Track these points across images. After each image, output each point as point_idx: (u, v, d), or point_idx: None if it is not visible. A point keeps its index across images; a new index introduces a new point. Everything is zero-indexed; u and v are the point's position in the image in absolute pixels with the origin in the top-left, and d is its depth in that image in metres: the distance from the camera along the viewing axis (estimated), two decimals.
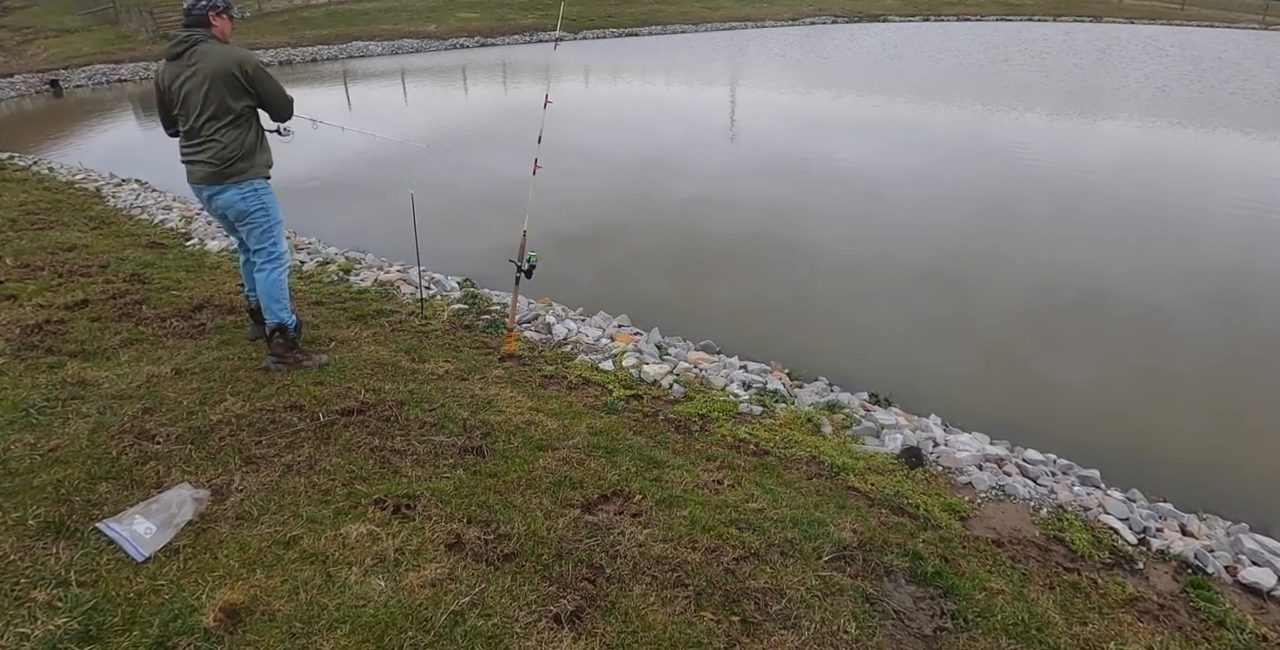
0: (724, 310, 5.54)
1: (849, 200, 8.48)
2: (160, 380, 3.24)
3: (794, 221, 7.66)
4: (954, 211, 8.11)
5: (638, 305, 5.35)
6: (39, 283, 4.59)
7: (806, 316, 5.54)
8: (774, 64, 22.43)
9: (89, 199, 7.96)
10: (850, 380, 4.51)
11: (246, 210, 3.36)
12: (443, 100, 17.32)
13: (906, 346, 5.12)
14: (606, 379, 3.76)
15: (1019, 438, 3.91)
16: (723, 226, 7.46)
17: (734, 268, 6.41)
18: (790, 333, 5.22)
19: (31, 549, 2.14)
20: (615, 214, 7.82)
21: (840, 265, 6.50)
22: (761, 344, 4.92)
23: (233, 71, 3.13)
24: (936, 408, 4.19)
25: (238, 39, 3.40)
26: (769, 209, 8.08)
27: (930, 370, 4.82)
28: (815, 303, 5.77)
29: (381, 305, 4.56)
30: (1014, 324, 5.46)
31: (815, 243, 7.03)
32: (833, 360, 4.80)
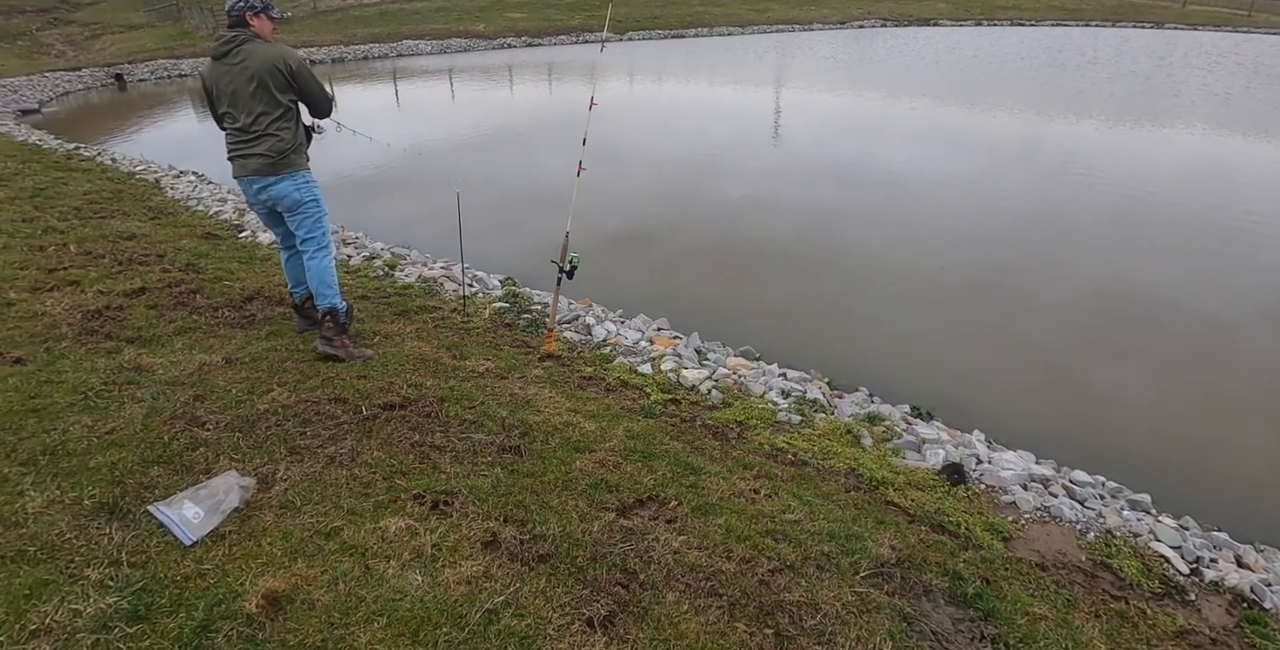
0: (765, 315, 5.50)
1: (895, 205, 8.34)
2: (211, 368, 3.33)
3: (838, 226, 7.57)
4: (1003, 219, 7.92)
5: (678, 308, 5.34)
6: (100, 269, 4.76)
7: (849, 324, 5.46)
8: (821, 67, 22.20)
9: (149, 190, 8.24)
10: (891, 391, 4.43)
11: (300, 200, 3.47)
12: (489, 99, 17.52)
13: (951, 358, 5.01)
14: (645, 382, 3.75)
15: (1066, 457, 3.80)
16: (766, 230, 7.40)
17: (776, 272, 6.36)
18: (832, 340, 5.15)
19: (86, 528, 2.21)
20: (658, 215, 7.82)
21: (884, 272, 6.39)
22: (802, 351, 4.86)
23: (277, 67, 3.25)
24: (980, 423, 4.09)
25: (292, 37, 3.52)
26: (813, 213, 8.00)
27: (975, 383, 4.71)
28: (858, 310, 5.69)
29: (425, 301, 4.63)
30: (1064, 337, 5.30)
31: (859, 248, 6.93)
32: (874, 370, 4.72)
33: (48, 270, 4.72)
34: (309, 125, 3.59)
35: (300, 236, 3.58)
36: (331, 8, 35.92)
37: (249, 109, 3.30)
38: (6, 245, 5.24)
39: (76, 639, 1.82)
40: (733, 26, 39.20)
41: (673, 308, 5.32)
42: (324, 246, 3.61)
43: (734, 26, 39.22)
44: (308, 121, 3.57)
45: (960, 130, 12.66)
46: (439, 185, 9.38)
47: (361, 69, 24.20)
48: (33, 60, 25.69)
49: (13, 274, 4.60)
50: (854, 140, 11.93)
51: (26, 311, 3.94)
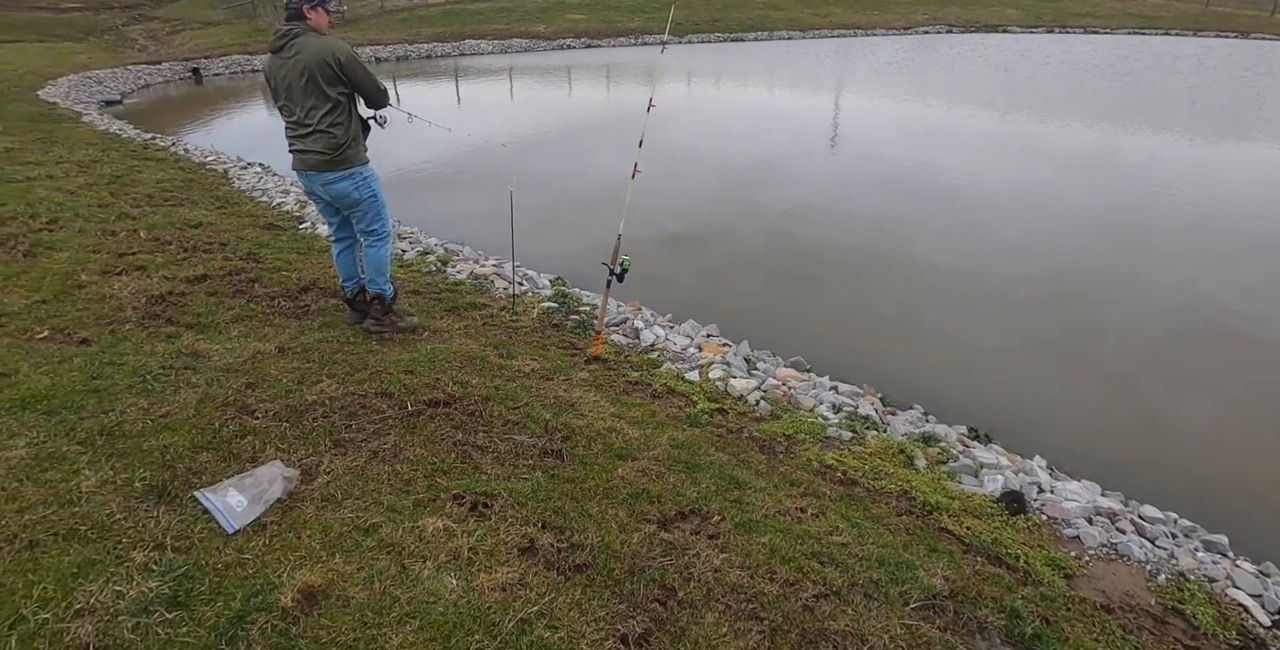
0: (817, 325, 5.36)
1: (957, 216, 8.07)
2: (264, 357, 3.38)
3: (896, 235, 7.35)
4: (1070, 232, 7.58)
5: (728, 314, 5.24)
6: (166, 256, 4.91)
7: (904, 337, 5.28)
8: (883, 72, 21.74)
9: (217, 180, 8.51)
10: (947, 410, 4.26)
11: (359, 198, 3.52)
12: (547, 99, 17.67)
13: (1011, 377, 4.79)
14: (691, 390, 3.67)
15: (1135, 490, 3.58)
16: (821, 236, 7.24)
17: (830, 280, 6.21)
18: (886, 354, 4.98)
19: (135, 510, 2.25)
20: (710, 218, 7.72)
21: (943, 284, 6.18)
22: (855, 364, 4.71)
23: (326, 61, 3.26)
24: (1042, 448, 3.89)
25: (358, 35, 3.56)
26: (870, 220, 7.79)
27: (1037, 406, 4.49)
28: (914, 323, 5.50)
29: (475, 298, 4.64)
30: (1134, 359, 5.02)
31: (917, 258, 6.71)
32: (930, 387, 4.55)
33: (118, 254, 4.89)
34: (369, 116, 3.62)
35: (361, 229, 3.66)
36: (398, 7, 36.80)
37: (302, 103, 3.35)
38: (82, 230, 5.45)
39: (118, 621, 1.83)
40: (793, 31, 38.77)
41: (723, 314, 5.22)
42: (383, 238, 3.70)
43: (794, 31, 38.79)
44: (366, 113, 3.61)
45: (1027, 139, 12.22)
46: (494, 181, 9.48)
47: (425, 67, 24.71)
48: (117, 54, 26.97)
49: (86, 257, 4.77)
50: (915, 147, 11.61)
51: (96, 294, 4.07)
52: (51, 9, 38.18)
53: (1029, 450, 3.85)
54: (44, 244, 5.04)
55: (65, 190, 7.00)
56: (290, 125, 3.45)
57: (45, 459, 2.47)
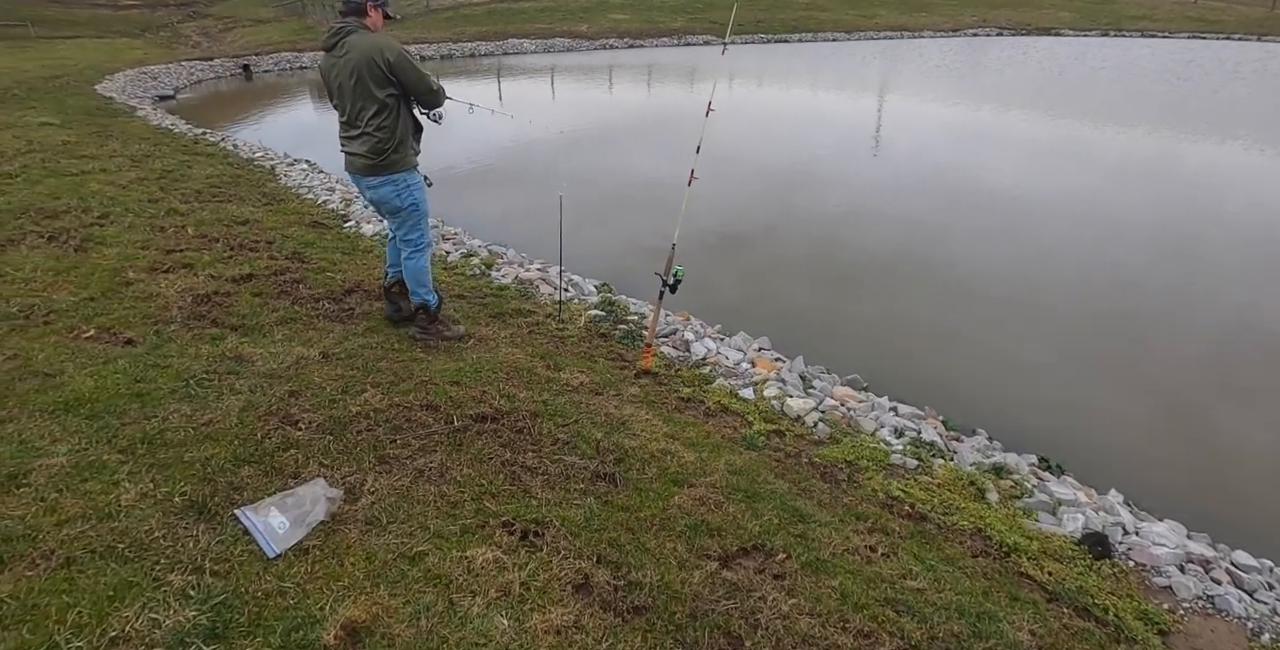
0: (869, 338, 5.13)
1: (1010, 224, 7.74)
2: (308, 363, 3.29)
3: (950, 244, 7.06)
4: (1132, 244, 7.21)
5: (777, 324, 5.05)
6: (213, 253, 4.88)
7: (963, 353, 5.02)
8: (932, 75, 21.23)
9: (264, 176, 8.55)
10: (1014, 436, 4.01)
11: (400, 207, 3.44)
12: (590, 98, 17.59)
13: (1075, 398, 4.52)
14: (746, 409, 3.49)
15: (1224, 532, 3.30)
16: (873, 245, 6.99)
17: (882, 291, 5.96)
18: (944, 371, 4.74)
19: (174, 528, 2.15)
20: (757, 224, 7.52)
21: (1001, 296, 5.89)
22: (912, 382, 4.49)
23: (375, 60, 3.14)
24: (1115, 479, 3.63)
25: (404, 33, 3.47)
26: (923, 228, 7.50)
27: (1104, 431, 4.22)
28: (973, 337, 5.24)
29: (520, 304, 4.51)
30: (1201, 382, 4.70)
31: (974, 269, 6.42)
32: (993, 409, 4.30)
33: (166, 251, 4.88)
34: (426, 113, 3.49)
35: (400, 236, 3.57)
36: (443, 6, 37.17)
37: (351, 103, 3.25)
38: (131, 225, 5.47)
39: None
40: (838, 32, 38.22)
41: (772, 324, 5.03)
42: (420, 248, 3.59)
43: (840, 32, 38.23)
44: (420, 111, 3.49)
45: (1082, 148, 11.74)
46: (536, 180, 9.40)
47: (469, 66, 24.85)
48: (171, 50, 27.66)
49: (134, 253, 4.77)
50: (965, 153, 11.24)
51: (142, 292, 4.04)
52: (110, 6, 39.38)
53: (1102, 482, 3.59)
54: (94, 239, 5.05)
55: (117, 184, 7.08)
56: (342, 125, 3.38)
57: (85, 468, 2.39)
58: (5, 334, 3.43)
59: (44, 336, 3.42)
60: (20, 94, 14.70)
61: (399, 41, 3.27)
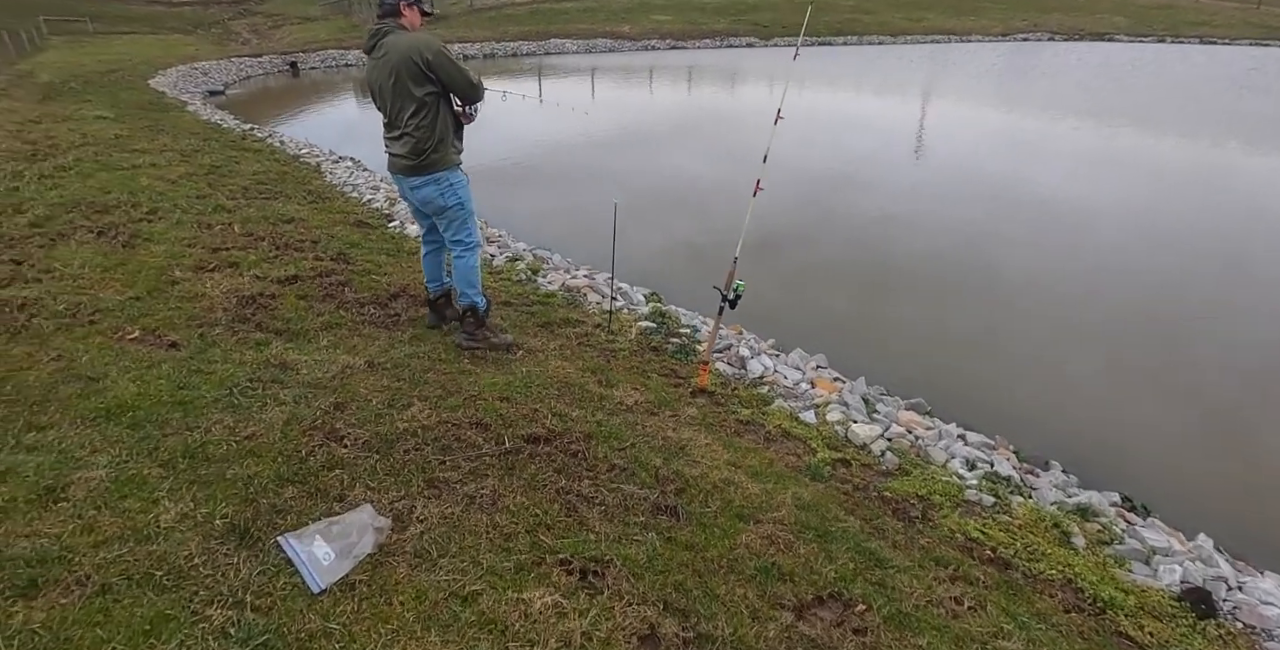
0: (928, 355, 4.88)
1: (1071, 235, 7.38)
2: (354, 373, 3.16)
3: (1004, 255, 6.74)
4: (1201, 257, 6.81)
5: (833, 339, 4.83)
6: (259, 253, 4.82)
7: (1024, 373, 4.75)
8: (977, 81, 20.67)
9: (310, 173, 8.56)
10: (1089, 467, 3.76)
11: (445, 206, 3.33)
12: (633, 99, 17.46)
13: (1151, 424, 4.25)
14: (809, 434, 3.28)
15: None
16: (922, 255, 6.70)
17: (936, 304, 5.69)
18: (1007, 393, 4.48)
19: (215, 554, 2.02)
20: (803, 231, 7.28)
21: (1058, 311, 5.59)
22: (975, 404, 4.24)
23: (413, 58, 3.04)
24: (1207, 522, 3.34)
25: (447, 32, 3.36)
26: (976, 238, 7.19)
27: (1189, 463, 3.95)
28: (1033, 355, 4.96)
29: (568, 313, 4.36)
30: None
31: (1028, 281, 6.11)
32: (1063, 435, 4.06)
33: (212, 249, 4.83)
34: (459, 108, 3.34)
35: (448, 238, 3.47)
36: (486, 5, 37.41)
37: (390, 103, 3.17)
38: (179, 221, 5.44)
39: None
40: (884, 35, 37.62)
41: (828, 339, 4.81)
42: (469, 247, 3.48)
43: (886, 35, 37.63)
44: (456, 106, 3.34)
45: (1138, 158, 11.25)
46: (580, 182, 9.27)
47: (511, 65, 24.92)
48: (223, 46, 28.24)
49: (181, 251, 4.72)
50: (1022, 161, 10.83)
51: (188, 292, 3.97)
52: (165, 3, 40.43)
53: (1188, 522, 3.32)
54: (142, 235, 5.03)
55: (167, 179, 7.11)
56: (384, 127, 3.30)
57: (125, 482, 2.28)
58: (52, 333, 3.37)
59: (89, 337, 3.35)
60: (77, 87, 15.05)
61: (440, 40, 3.14)
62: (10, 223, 5.21)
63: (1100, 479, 3.69)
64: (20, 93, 14.08)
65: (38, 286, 3.94)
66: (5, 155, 8.06)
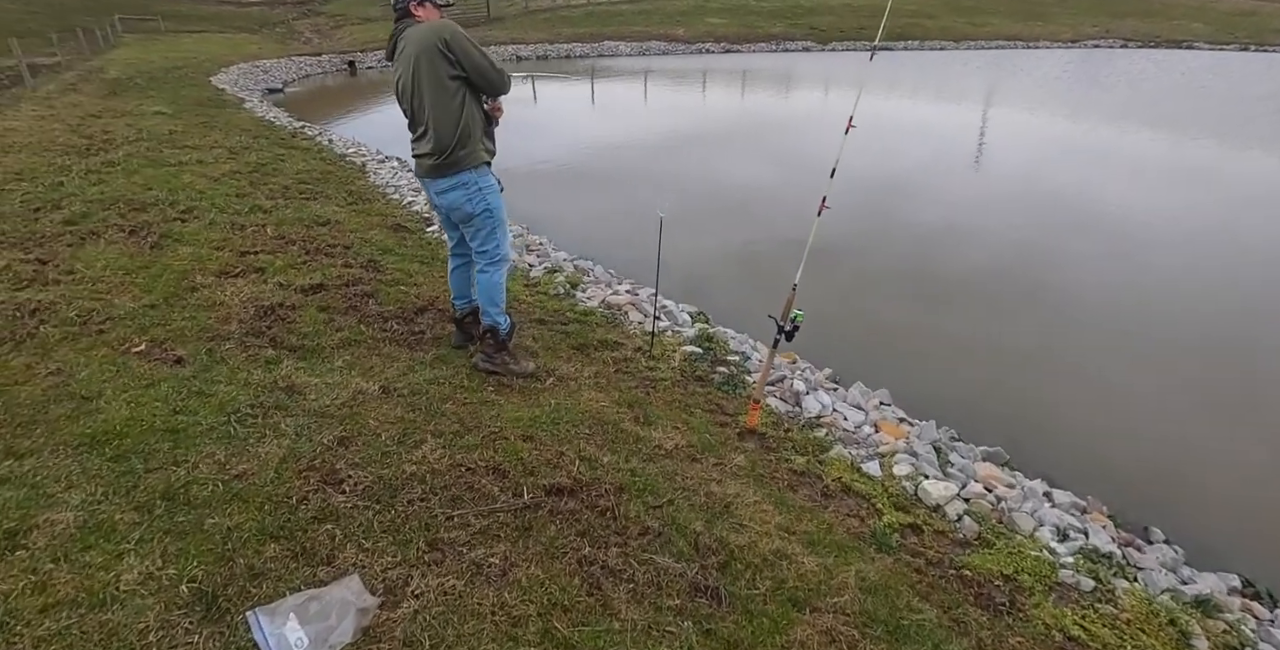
0: (1007, 393, 4.37)
1: (1164, 257, 6.72)
2: (366, 400, 2.87)
3: (1094, 280, 6.14)
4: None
5: (896, 369, 4.38)
6: (287, 258, 4.60)
7: (1115, 413, 4.21)
8: (1043, 89, 19.68)
9: (354, 173, 8.42)
10: (1198, 535, 3.23)
11: (472, 213, 3.00)
12: (686, 102, 17.09)
13: (1273, 485, 3.67)
14: (873, 491, 2.86)
15: None
16: (1000, 277, 6.15)
17: (1016, 333, 5.15)
18: (1095, 437, 3.95)
19: (174, 628, 1.72)
20: (858, 244, 6.79)
21: (1159, 346, 4.99)
22: (1062, 452, 3.76)
23: (434, 44, 2.73)
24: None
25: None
26: (1059, 259, 6.59)
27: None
28: (1127, 395, 4.41)
29: (606, 333, 4.00)
30: None
31: (1122, 310, 5.51)
32: (1165, 492, 3.54)
33: (240, 253, 4.63)
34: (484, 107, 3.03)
35: (474, 248, 3.14)
36: (541, 7, 37.54)
37: (413, 96, 2.86)
38: (213, 222, 5.28)
39: None
40: (946, 40, 36.48)
41: (892, 370, 4.37)
42: (496, 261, 3.13)
43: (948, 40, 36.48)
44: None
45: (1225, 174, 10.38)
46: (626, 186, 8.95)
47: (564, 66, 24.82)
48: (285, 45, 28.87)
49: (208, 254, 4.53)
50: (1099, 176, 10.09)
51: (206, 300, 3.75)
52: (234, 3, 41.70)
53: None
54: (173, 236, 4.87)
55: (209, 177, 7.03)
56: (410, 128, 3.01)
57: (93, 529, 2.01)
58: (57, 343, 3.17)
59: (93, 348, 3.13)
60: (141, 83, 15.40)
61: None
62: (46, 219, 5.12)
63: (1211, 549, 3.17)
64: (88, 87, 14.45)
65: (55, 289, 3.77)
66: (60, 149, 8.12)
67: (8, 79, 15.13)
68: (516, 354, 3.35)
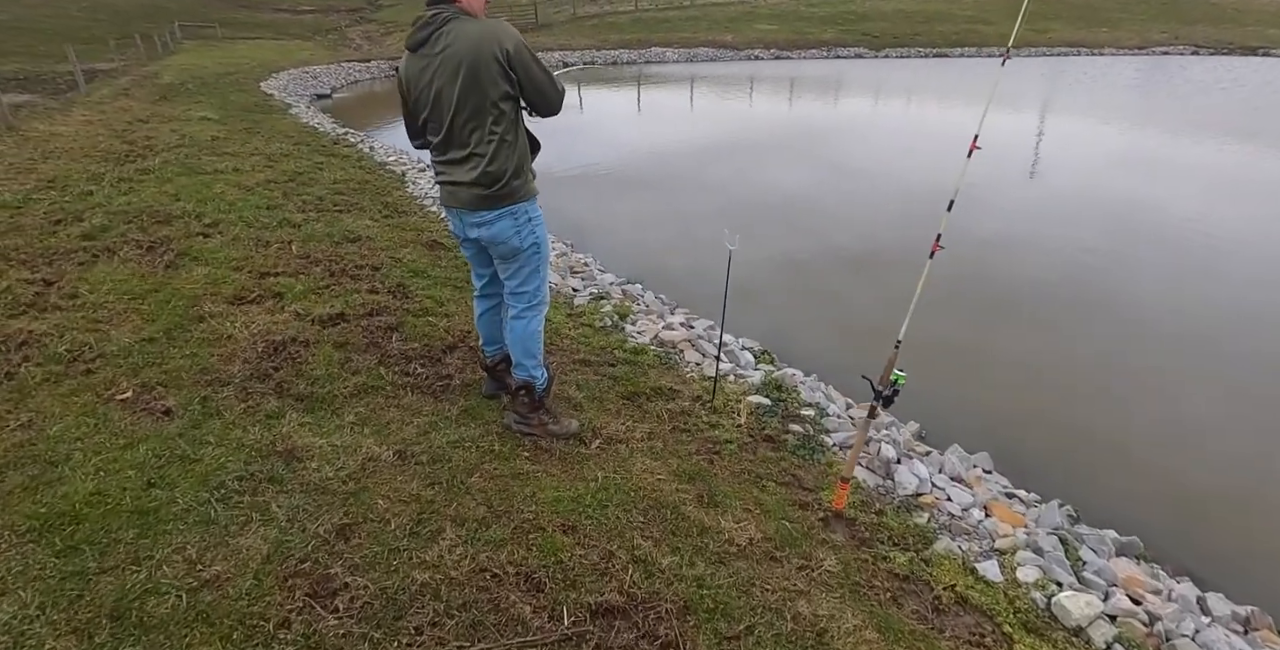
0: (1130, 456, 3.71)
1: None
2: (377, 469, 2.40)
3: (1229, 322, 5.38)
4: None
5: (989, 422, 3.78)
6: (309, 281, 4.19)
7: (1256, 483, 3.52)
8: (1108, 97, 18.58)
9: (392, 183, 8.08)
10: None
11: (519, 248, 2.49)
12: (733, 110, 16.53)
13: None
14: (994, 603, 2.27)
15: None
16: (1105, 307, 5.44)
17: (1132, 377, 4.46)
18: (1238, 516, 3.28)
19: None
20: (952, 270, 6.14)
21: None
22: (1194, 531, 3.10)
23: (493, 53, 2.20)
24: None
25: (549, 39, 2.55)
26: (1182, 294, 5.84)
27: None
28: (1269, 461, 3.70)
29: (660, 378, 3.47)
30: None
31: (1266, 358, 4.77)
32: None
33: (259, 274, 4.24)
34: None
35: (510, 288, 2.63)
36: (589, 14, 37.36)
37: (453, 112, 2.29)
38: (236, 238, 4.93)
39: None
40: (1005, 47, 35.14)
41: (983, 422, 3.77)
42: (534, 305, 2.63)
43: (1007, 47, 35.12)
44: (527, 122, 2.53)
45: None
46: (682, 196, 8.44)
47: (610, 73, 24.48)
48: (335, 51, 29.16)
49: (224, 276, 4.15)
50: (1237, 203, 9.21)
51: (212, 333, 3.34)
52: (290, 11, 42.60)
53: None
54: (190, 254, 4.51)
55: (243, 186, 6.74)
56: (437, 147, 2.44)
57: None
58: (36, 385, 2.78)
59: (75, 393, 2.73)
60: (192, 88, 15.49)
61: (541, 49, 2.33)
62: (64, 233, 4.83)
63: None
64: (141, 92, 14.56)
65: (52, 318, 3.41)
66: (100, 156, 7.97)
67: (65, 84, 15.37)
68: (556, 411, 2.84)
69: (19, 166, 7.21)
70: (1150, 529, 3.05)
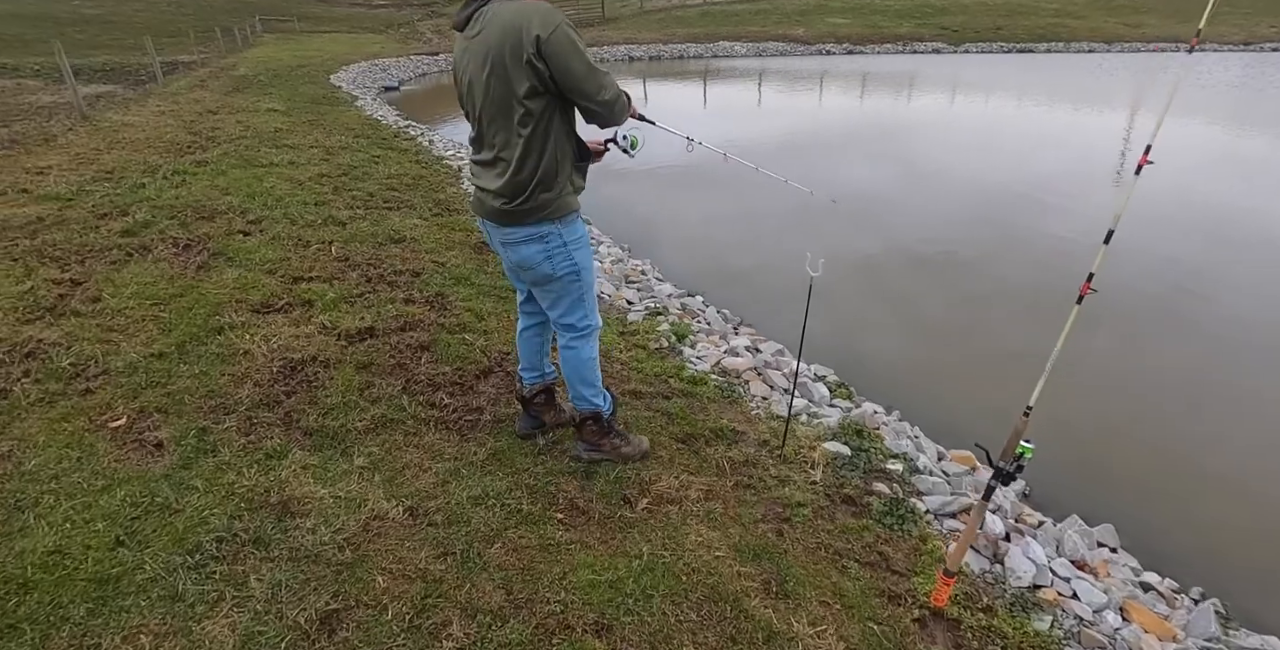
0: (1263, 517, 3.06)
1: None
2: (382, 532, 2.02)
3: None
4: None
5: (1117, 488, 3.18)
6: (342, 288, 3.89)
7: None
8: (1212, 96, 17.01)
9: (447, 178, 7.81)
10: None
11: (551, 275, 2.09)
12: (805, 104, 15.81)
13: None
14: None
15: None
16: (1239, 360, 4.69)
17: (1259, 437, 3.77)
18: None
19: None
20: (1017, 286, 5.46)
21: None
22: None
23: (521, 40, 1.76)
24: None
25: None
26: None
27: None
28: None
29: (721, 415, 3.00)
30: None
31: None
32: None
33: (293, 279, 3.96)
34: (610, 136, 2.18)
35: (552, 318, 2.25)
36: (656, 8, 36.87)
37: (481, 106, 1.94)
38: (276, 237, 4.68)
39: None
40: (1095, 42, 33.17)
41: (1104, 482, 3.17)
42: (583, 333, 2.25)
43: (1097, 42, 33.16)
44: (605, 134, 2.15)
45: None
46: (746, 196, 7.92)
47: (676, 67, 23.98)
48: (406, 44, 29.50)
49: (256, 280, 3.88)
50: None
51: (227, 348, 3.04)
52: (365, 4, 43.50)
53: None
54: (227, 254, 4.28)
55: (295, 180, 6.57)
56: (472, 144, 2.09)
57: None
58: (28, 407, 2.52)
59: (67, 418, 2.45)
60: (264, 80, 15.72)
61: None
62: (106, 229, 4.67)
63: None
64: (215, 84, 14.84)
65: (66, 325, 3.17)
66: (164, 147, 7.97)
67: (147, 76, 15.79)
68: (624, 433, 2.55)
69: (83, 156, 7.23)
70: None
